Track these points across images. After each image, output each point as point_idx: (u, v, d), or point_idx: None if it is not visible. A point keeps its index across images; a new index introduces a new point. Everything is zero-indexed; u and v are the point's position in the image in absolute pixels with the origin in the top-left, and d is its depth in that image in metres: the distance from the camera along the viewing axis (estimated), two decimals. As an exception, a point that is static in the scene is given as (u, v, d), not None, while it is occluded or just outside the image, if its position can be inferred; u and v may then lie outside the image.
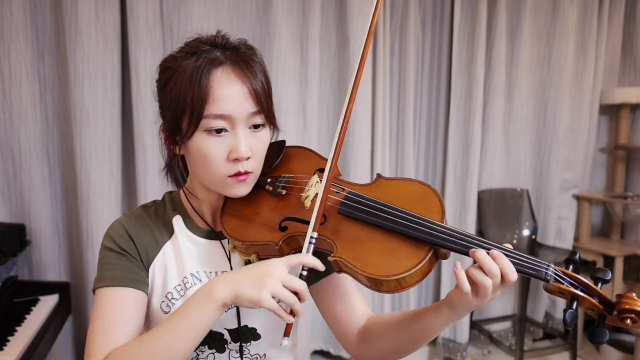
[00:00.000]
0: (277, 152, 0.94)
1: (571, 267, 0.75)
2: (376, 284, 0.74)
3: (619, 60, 3.06)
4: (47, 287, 1.90)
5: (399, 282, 0.73)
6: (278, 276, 0.72)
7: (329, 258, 0.77)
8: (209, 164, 0.81)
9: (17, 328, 1.57)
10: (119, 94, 2.11)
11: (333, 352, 2.62)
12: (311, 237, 0.77)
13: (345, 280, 0.96)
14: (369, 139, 2.52)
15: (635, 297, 0.69)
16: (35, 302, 1.79)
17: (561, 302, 2.98)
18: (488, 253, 0.71)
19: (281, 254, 0.82)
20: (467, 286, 0.71)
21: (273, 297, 0.71)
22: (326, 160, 0.90)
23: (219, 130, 0.79)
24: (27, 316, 1.67)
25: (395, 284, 0.73)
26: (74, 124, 2.03)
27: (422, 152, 2.83)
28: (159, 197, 0.99)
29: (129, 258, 0.85)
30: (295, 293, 0.73)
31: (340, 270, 0.78)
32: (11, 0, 1.97)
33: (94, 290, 0.84)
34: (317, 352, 2.66)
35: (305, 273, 0.75)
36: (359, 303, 0.96)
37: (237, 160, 0.81)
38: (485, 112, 2.78)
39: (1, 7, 1.96)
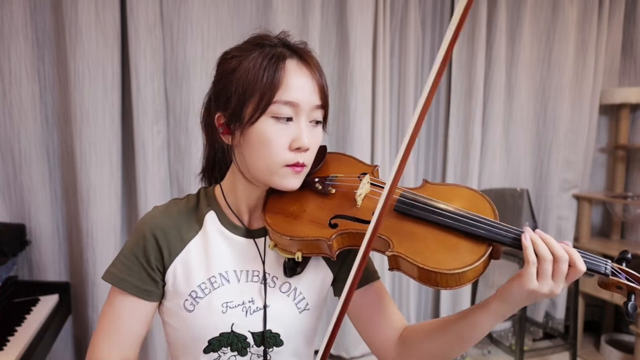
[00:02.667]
0: (320, 155, 0.95)
1: (624, 264, 0.77)
2: (435, 279, 0.74)
3: (619, 60, 3.06)
4: (47, 287, 1.90)
5: (460, 276, 0.73)
6: None
7: (386, 253, 0.77)
8: (270, 150, 0.81)
9: (17, 328, 1.58)
10: (119, 94, 2.11)
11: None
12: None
13: (381, 289, 0.94)
14: (369, 138, 2.52)
15: None
16: (35, 302, 1.79)
17: (561, 303, 2.99)
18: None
19: (330, 250, 0.82)
20: (533, 256, 0.72)
21: None
22: (368, 165, 0.94)
23: (284, 119, 0.81)
24: (27, 316, 1.67)
25: (456, 279, 0.73)
26: (74, 124, 2.04)
27: (422, 152, 2.83)
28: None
29: (144, 267, 0.85)
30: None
31: (394, 268, 0.78)
32: (11, 0, 1.97)
33: (104, 278, 0.86)
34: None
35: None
36: (395, 312, 0.94)
37: (298, 149, 0.82)
38: (485, 112, 2.78)
39: (1, 7, 1.96)
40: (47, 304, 1.79)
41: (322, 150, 0.96)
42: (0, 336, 1.50)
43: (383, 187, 0.86)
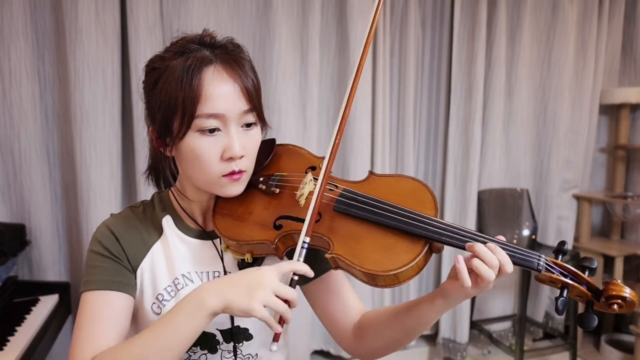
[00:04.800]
0: (267, 150, 0.94)
1: (560, 257, 0.77)
2: (373, 279, 0.75)
3: (619, 60, 3.06)
4: (47, 287, 1.90)
5: (396, 276, 0.74)
6: (270, 285, 0.72)
7: (326, 255, 0.78)
8: (202, 164, 0.81)
9: (17, 328, 1.57)
10: (119, 94, 2.11)
11: (333, 352, 2.62)
12: (303, 242, 0.77)
13: (338, 278, 0.96)
14: (369, 139, 2.52)
15: (621, 284, 0.72)
16: (35, 302, 1.79)
17: (561, 302, 2.98)
18: (484, 246, 0.73)
19: (277, 252, 0.82)
20: (468, 281, 0.72)
21: (264, 306, 0.71)
22: (317, 158, 0.92)
23: (212, 130, 0.79)
24: (27, 316, 1.67)
25: (392, 279, 0.74)
26: (74, 124, 2.03)
27: (422, 152, 2.83)
28: None
29: (116, 261, 0.84)
30: (286, 301, 0.73)
31: (336, 267, 0.79)
32: (11, 1, 1.97)
33: (80, 294, 0.84)
34: (317, 352, 2.66)
35: (296, 278, 0.75)
36: (352, 300, 0.96)
37: (231, 159, 0.80)
38: (485, 112, 2.78)
39: (1, 8, 1.96)
40: (47, 304, 1.79)
41: (270, 144, 0.95)
42: (0, 336, 1.50)
43: (327, 184, 0.86)
